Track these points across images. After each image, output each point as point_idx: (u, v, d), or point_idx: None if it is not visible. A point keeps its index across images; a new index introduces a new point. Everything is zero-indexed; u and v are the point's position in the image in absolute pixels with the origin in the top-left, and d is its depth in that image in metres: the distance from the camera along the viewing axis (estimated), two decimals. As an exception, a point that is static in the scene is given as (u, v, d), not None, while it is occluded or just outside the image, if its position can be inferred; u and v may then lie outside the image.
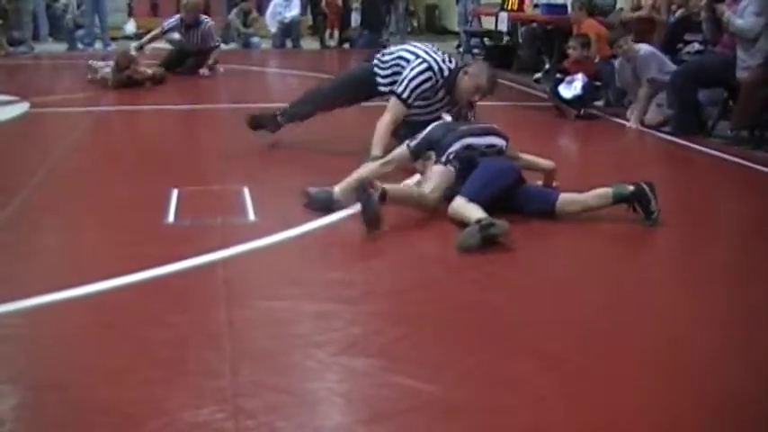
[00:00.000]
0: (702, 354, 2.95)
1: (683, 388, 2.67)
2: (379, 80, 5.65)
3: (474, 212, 4.04)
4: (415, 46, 5.67)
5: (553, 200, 4.39)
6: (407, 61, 5.47)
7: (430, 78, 5.37)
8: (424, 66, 5.39)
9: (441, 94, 5.49)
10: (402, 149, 4.66)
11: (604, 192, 4.35)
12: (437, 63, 5.40)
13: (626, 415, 2.49)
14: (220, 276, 3.52)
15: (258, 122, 6.09)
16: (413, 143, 4.62)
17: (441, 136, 4.55)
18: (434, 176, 4.44)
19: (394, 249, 3.99)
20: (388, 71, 5.61)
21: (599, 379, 2.71)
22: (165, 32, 10.71)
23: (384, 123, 5.36)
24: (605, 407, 2.53)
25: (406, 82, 5.39)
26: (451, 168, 4.42)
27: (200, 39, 10.41)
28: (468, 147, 4.48)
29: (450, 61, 5.49)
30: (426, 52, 5.47)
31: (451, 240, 4.03)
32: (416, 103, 5.46)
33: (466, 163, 4.41)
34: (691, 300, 3.49)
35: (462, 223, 4.07)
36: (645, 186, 4.30)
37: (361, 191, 4.06)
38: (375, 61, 5.75)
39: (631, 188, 4.31)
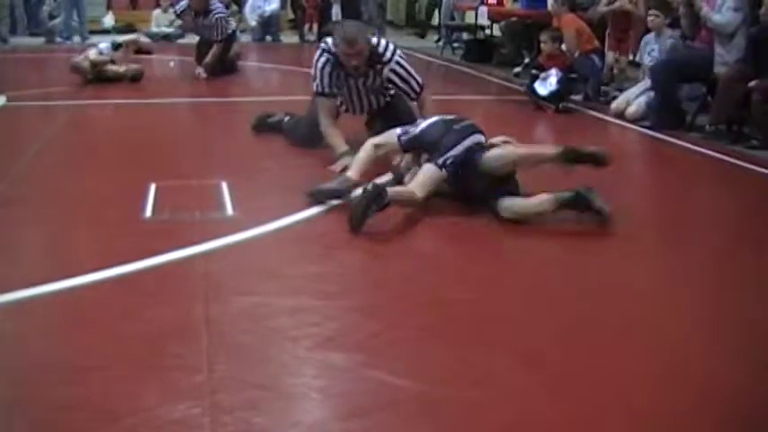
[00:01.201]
0: (681, 344, 2.97)
1: (663, 379, 2.68)
2: None
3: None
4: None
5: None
6: None
7: (328, 60, 5.28)
8: (319, 51, 5.35)
9: (342, 71, 5.33)
10: (393, 140, 4.62)
11: (548, 198, 4.30)
12: (327, 43, 5.32)
13: (607, 409, 2.50)
14: (198, 271, 3.51)
15: (263, 127, 6.23)
16: (404, 138, 4.56)
17: (439, 137, 4.42)
18: (425, 178, 4.35)
19: (372, 244, 3.98)
20: None
21: (579, 374, 2.71)
22: (178, 16, 10.32)
23: (323, 125, 5.37)
24: (586, 402, 2.54)
25: (313, 75, 5.38)
26: (444, 173, 4.34)
27: (207, 29, 9.55)
28: (469, 149, 4.38)
29: None
30: (325, 41, 5.40)
31: (429, 236, 4.03)
32: (337, 91, 5.41)
33: (461, 167, 4.37)
34: (670, 294, 3.51)
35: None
36: (581, 192, 4.24)
37: (375, 194, 4.03)
38: None
39: (570, 194, 4.25)
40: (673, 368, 2.77)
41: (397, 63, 5.36)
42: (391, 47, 5.35)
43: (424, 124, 4.60)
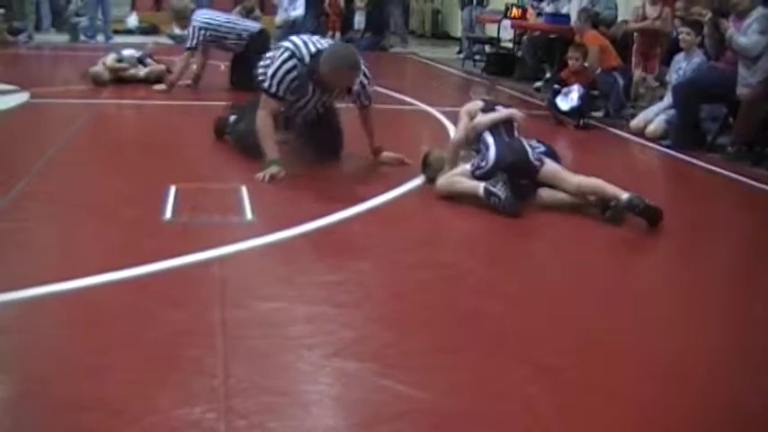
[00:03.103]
0: (702, 367, 2.95)
1: (681, 401, 2.67)
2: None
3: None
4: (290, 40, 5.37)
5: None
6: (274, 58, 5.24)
7: (295, 67, 5.11)
8: (287, 53, 5.15)
9: (310, 85, 5.21)
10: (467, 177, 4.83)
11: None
12: (299, 49, 5.13)
13: (621, 427, 2.50)
14: (216, 275, 3.52)
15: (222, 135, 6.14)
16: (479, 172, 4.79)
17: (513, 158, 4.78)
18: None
19: (390, 253, 3.99)
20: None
21: (594, 390, 2.70)
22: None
23: (262, 124, 5.16)
24: (600, 419, 2.53)
25: (269, 73, 5.17)
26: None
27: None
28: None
29: (315, 47, 5.16)
30: (291, 41, 5.25)
31: (447, 246, 4.04)
32: (291, 96, 5.23)
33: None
34: (690, 311, 3.49)
35: None
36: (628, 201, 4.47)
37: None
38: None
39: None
40: (689, 386, 2.76)
41: (364, 74, 5.34)
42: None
43: (495, 151, 4.80)
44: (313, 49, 5.13)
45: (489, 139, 4.84)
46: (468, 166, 4.85)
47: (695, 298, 3.67)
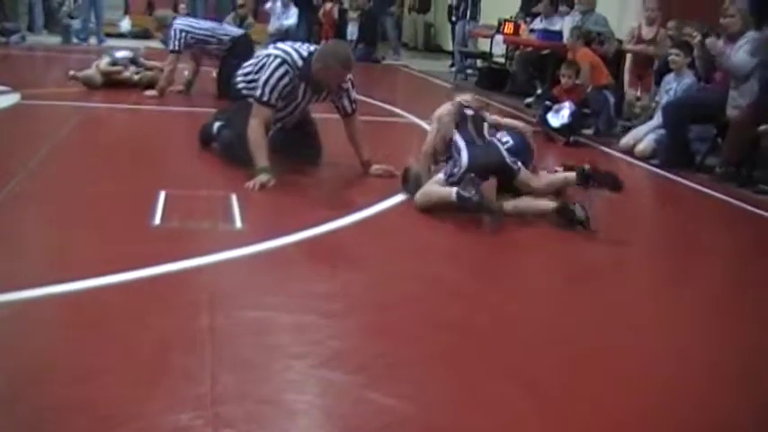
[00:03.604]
0: (689, 383, 2.96)
1: (668, 418, 2.68)
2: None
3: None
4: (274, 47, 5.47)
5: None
6: (264, 66, 5.29)
7: (287, 73, 5.18)
8: (278, 61, 5.21)
9: (302, 88, 5.32)
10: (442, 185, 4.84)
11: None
12: (290, 55, 5.22)
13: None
14: (204, 282, 3.52)
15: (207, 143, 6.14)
16: (452, 179, 4.79)
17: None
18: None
19: (378, 264, 4.00)
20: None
21: (580, 404, 2.72)
22: None
23: (254, 131, 5.16)
24: (583, 430, 2.55)
25: (260, 82, 5.22)
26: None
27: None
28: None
29: (306, 51, 5.28)
30: (281, 49, 5.32)
31: (436, 258, 4.05)
32: (281, 103, 5.30)
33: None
34: (678, 330, 3.51)
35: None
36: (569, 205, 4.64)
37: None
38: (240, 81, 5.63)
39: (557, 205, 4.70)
40: (678, 403, 2.77)
41: (350, 79, 5.45)
42: None
43: (466, 154, 4.81)
44: (305, 53, 5.22)
45: (461, 143, 4.86)
46: (441, 175, 4.87)
47: (683, 316, 3.68)
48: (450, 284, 3.79)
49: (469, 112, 5.07)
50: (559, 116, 7.85)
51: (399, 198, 5.05)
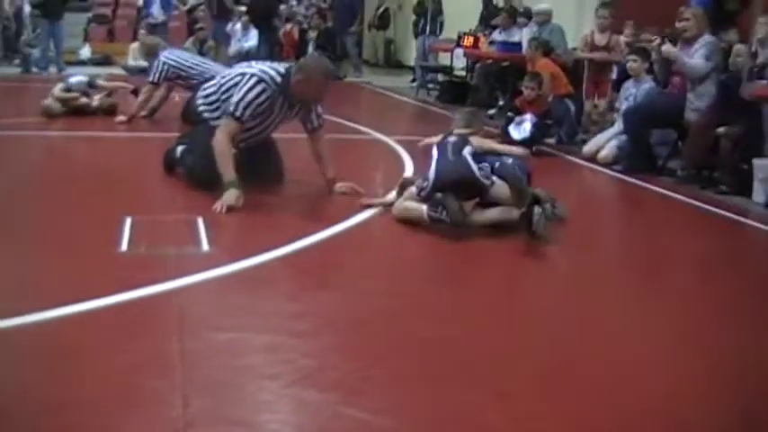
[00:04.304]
0: (659, 392, 2.97)
1: (641, 428, 2.70)
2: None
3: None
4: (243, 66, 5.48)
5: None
6: (236, 85, 5.26)
7: (264, 90, 5.17)
8: (254, 79, 5.19)
9: (280, 102, 5.30)
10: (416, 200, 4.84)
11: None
12: (266, 73, 5.21)
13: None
14: (173, 306, 3.50)
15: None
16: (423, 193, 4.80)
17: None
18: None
19: (349, 282, 4.00)
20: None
21: (553, 415, 2.73)
22: None
23: (220, 144, 5.14)
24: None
25: (236, 100, 5.16)
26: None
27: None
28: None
29: (282, 67, 5.32)
30: (257, 68, 5.30)
31: (405, 274, 4.06)
32: (252, 122, 5.28)
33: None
34: (648, 337, 3.53)
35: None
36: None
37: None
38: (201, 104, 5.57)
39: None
40: (648, 415, 2.80)
41: None
42: None
43: (435, 169, 4.81)
44: (281, 70, 5.26)
45: (434, 156, 4.91)
46: (413, 189, 4.89)
47: (654, 324, 3.70)
48: (421, 299, 3.80)
49: (452, 138, 5.07)
50: (521, 129, 7.89)
51: (366, 214, 5.06)
